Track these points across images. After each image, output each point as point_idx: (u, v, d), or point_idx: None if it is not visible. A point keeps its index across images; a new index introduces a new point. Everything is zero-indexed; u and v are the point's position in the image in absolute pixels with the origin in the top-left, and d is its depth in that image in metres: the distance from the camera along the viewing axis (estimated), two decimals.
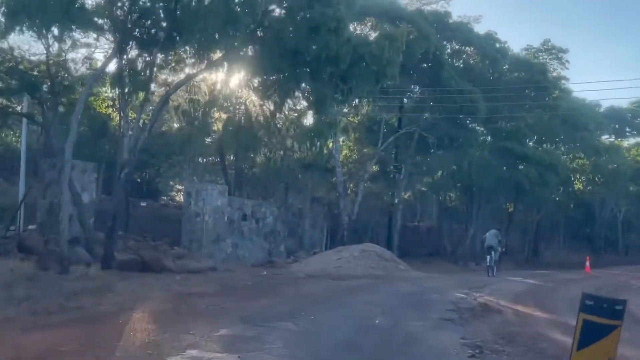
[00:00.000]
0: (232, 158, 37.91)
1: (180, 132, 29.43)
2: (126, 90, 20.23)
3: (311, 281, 19.02)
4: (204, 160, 47.67)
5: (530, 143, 41.81)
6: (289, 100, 21.02)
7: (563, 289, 21.03)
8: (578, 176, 46.94)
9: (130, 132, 20.13)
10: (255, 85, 20.07)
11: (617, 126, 53.85)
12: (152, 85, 20.53)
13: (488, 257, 27.45)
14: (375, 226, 40.61)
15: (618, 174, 45.74)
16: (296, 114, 21.75)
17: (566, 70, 46.40)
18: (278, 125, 22.16)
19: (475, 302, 14.80)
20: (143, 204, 37.24)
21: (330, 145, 34.37)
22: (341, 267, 26.43)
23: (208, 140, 36.20)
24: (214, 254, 28.41)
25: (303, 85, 20.14)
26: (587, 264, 35.70)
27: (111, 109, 29.41)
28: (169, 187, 56.69)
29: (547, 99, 38.70)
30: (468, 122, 35.83)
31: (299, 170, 34.92)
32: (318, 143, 21.52)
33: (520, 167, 38.37)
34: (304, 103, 22.04)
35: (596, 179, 46.67)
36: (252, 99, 22.54)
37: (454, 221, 47.67)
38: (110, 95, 27.91)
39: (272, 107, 20.33)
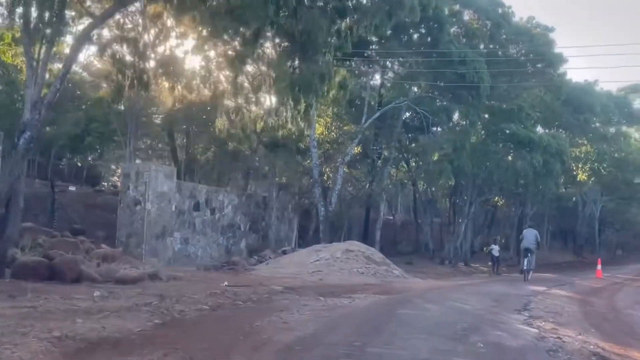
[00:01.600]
0: (184, 140, 31.86)
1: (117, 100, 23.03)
2: (31, 20, 13.92)
3: (294, 300, 13.25)
4: (151, 142, 41.68)
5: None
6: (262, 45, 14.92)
7: (622, 308, 16.43)
8: (581, 165, 41.69)
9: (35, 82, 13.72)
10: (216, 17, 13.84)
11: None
12: (68, 14, 14.14)
13: (525, 260, 23.75)
14: (353, 220, 34.88)
15: (626, 163, 40.75)
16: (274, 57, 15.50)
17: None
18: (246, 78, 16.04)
19: (577, 350, 9.16)
20: (72, 188, 30.81)
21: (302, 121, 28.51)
22: (321, 273, 20.96)
23: (154, 113, 30.06)
24: (157, 252, 22.91)
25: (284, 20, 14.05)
26: (599, 267, 30.65)
27: (20, 60, 22.85)
28: (112, 171, 50.60)
29: (552, 74, 33.25)
30: (470, 96, 29.81)
31: (264, 150, 28.89)
32: (303, 103, 15.49)
33: (520, 153, 32.87)
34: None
35: (601, 168, 41.53)
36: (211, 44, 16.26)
37: (433, 215, 42.11)
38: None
39: (238, 48, 14.18)
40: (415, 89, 31.49)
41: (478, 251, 43.76)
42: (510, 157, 33.94)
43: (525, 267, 23.81)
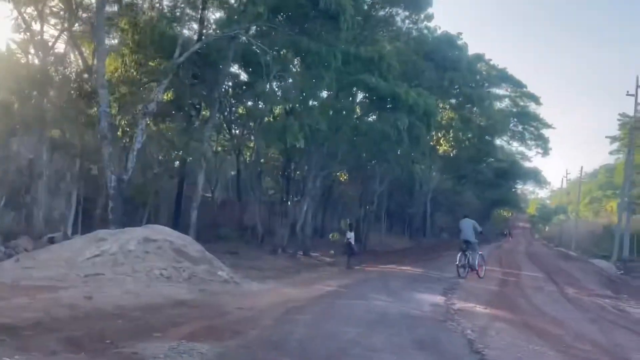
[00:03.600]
0: None
1: None
2: None
3: None
4: None
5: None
6: None
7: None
8: (443, 133, 36.05)
9: None
10: None
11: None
12: None
13: (460, 254, 20.95)
14: (161, 196, 26.66)
15: (493, 131, 35.67)
16: None
17: None
18: None
19: None
20: None
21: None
22: (100, 279, 13.26)
23: None
24: None
25: None
26: None
27: None
28: None
29: (416, 18, 26.95)
30: (324, 31, 22.49)
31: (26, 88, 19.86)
32: None
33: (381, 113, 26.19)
34: None
35: (466, 138, 36.20)
36: None
37: (261, 193, 34.63)
38: None
39: None
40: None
41: (313, 236, 37.18)
42: (368, 118, 27.30)
43: (458, 262, 20.83)
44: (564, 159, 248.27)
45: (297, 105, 22.82)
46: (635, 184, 44.81)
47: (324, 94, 25.86)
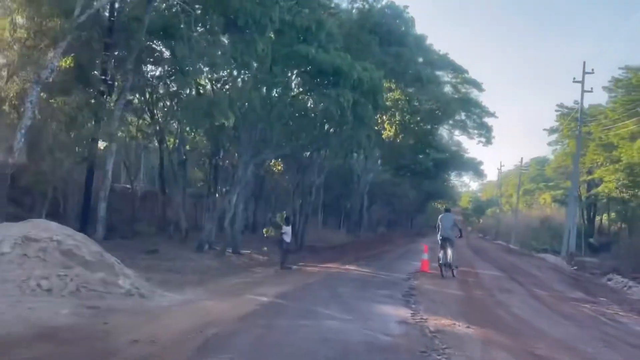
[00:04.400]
0: None
1: None
2: None
3: None
4: None
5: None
6: None
7: None
8: (389, 116, 32.98)
9: None
10: None
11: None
12: None
13: (441, 252, 19.89)
14: (69, 185, 22.88)
15: (443, 115, 32.90)
16: None
17: None
18: None
19: None
20: None
21: None
22: None
23: None
24: None
25: None
26: (426, 256, 22.59)
27: None
28: None
29: None
30: None
31: None
32: None
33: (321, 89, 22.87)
34: None
35: (413, 122, 33.28)
36: None
37: (186, 184, 30.94)
38: None
39: None
40: None
41: (244, 231, 33.76)
42: (307, 96, 24.05)
43: (441, 261, 19.74)
44: (499, 152, 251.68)
45: (226, 79, 19.27)
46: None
47: (256, 68, 22.48)
